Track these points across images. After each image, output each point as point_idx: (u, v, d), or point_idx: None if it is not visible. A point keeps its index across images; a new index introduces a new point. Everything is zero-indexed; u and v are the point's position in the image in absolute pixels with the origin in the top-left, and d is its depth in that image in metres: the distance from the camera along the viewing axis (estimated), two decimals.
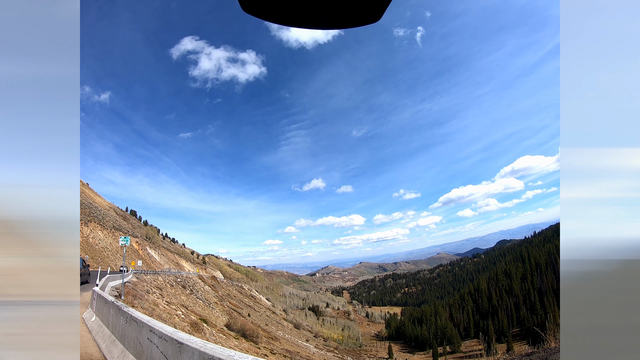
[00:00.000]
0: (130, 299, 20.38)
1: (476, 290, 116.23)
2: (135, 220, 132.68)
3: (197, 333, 22.96)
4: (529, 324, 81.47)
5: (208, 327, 29.13)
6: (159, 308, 24.07)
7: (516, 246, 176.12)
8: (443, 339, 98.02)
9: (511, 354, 10.69)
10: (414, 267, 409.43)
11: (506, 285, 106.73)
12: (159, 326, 6.37)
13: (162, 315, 20.54)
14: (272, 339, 52.90)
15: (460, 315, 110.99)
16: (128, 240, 20.97)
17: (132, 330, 7.74)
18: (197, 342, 4.94)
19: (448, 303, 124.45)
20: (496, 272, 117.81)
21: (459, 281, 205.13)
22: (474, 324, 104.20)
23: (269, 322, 76.50)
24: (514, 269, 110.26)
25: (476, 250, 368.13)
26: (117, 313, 9.48)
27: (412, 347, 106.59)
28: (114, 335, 9.33)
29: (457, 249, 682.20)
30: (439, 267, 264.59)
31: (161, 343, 5.86)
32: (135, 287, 29.12)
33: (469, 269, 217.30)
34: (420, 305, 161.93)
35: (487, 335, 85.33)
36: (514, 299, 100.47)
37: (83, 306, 15.87)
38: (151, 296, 28.53)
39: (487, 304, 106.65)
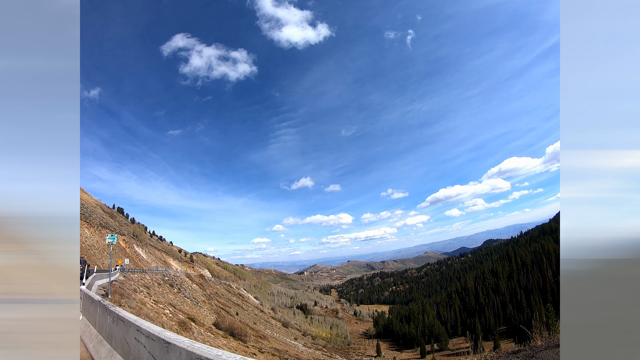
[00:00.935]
0: (117, 298, 20.16)
1: (463, 288, 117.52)
2: (123, 217, 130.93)
3: (185, 332, 22.82)
4: (516, 322, 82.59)
5: (196, 326, 28.96)
6: (147, 307, 23.85)
7: (503, 245, 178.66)
8: (431, 336, 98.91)
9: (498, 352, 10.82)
10: (402, 265, 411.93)
11: (493, 284, 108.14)
12: (146, 326, 6.32)
13: (150, 315, 20.36)
14: (260, 337, 52.81)
15: (447, 313, 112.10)
16: (115, 238, 20.74)
17: (120, 330, 7.66)
18: (185, 341, 4.92)
19: (435, 301, 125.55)
20: (483, 271, 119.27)
21: (446, 280, 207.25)
22: (461, 322, 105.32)
23: (257, 321, 76.30)
24: (500, 268, 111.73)
25: (463, 250, 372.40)
26: (104, 312, 9.36)
27: (400, 344, 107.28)
28: (101, 335, 9.21)
29: (444, 248, 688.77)
30: (427, 265, 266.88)
31: (148, 343, 5.82)
32: (123, 285, 28.82)
33: (456, 267, 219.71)
34: (408, 303, 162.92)
35: (474, 333, 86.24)
36: (500, 298, 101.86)
37: None
38: (138, 295, 28.25)
39: (474, 302, 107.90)
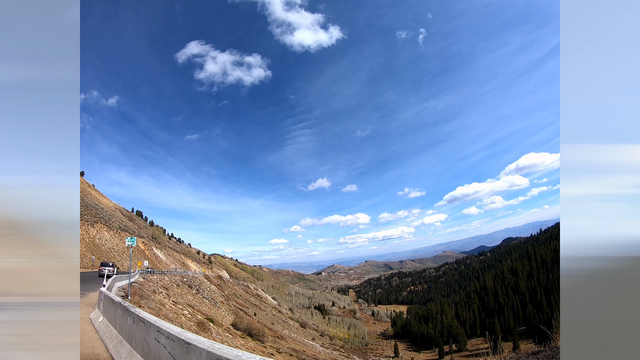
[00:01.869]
0: (137, 299, 20.50)
1: (482, 288, 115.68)
2: (141, 220, 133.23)
3: (203, 332, 23.06)
4: (536, 322, 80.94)
5: (214, 326, 29.24)
6: (166, 308, 24.19)
7: (522, 244, 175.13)
8: (449, 337, 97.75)
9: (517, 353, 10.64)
10: (420, 265, 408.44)
11: (512, 283, 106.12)
12: (167, 326, 6.39)
13: (169, 315, 20.64)
14: (278, 338, 53.03)
15: (466, 314, 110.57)
16: (134, 240, 21.09)
17: (140, 330, 7.77)
18: (205, 342, 4.95)
19: (454, 301, 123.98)
20: (502, 270, 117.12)
21: (465, 279, 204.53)
22: (480, 322, 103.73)
23: (275, 321, 76.66)
24: (520, 267, 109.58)
25: (482, 248, 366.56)
26: (124, 313, 9.50)
27: (418, 345, 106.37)
28: (122, 336, 9.35)
29: (463, 247, 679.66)
30: (445, 265, 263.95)
31: (169, 343, 5.89)
32: (142, 287, 29.29)
33: (474, 267, 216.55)
34: (426, 303, 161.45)
35: (493, 334, 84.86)
36: (520, 297, 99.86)
37: (90, 307, 15.97)
38: (158, 296, 28.67)
39: (494, 302, 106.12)
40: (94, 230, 69.70)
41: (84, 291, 20.98)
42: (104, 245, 67.59)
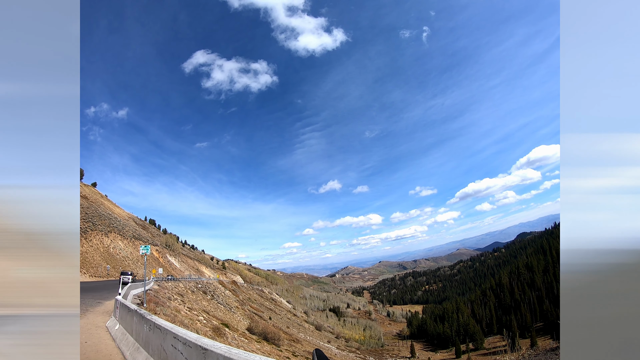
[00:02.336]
0: (152, 307, 20.63)
1: (498, 285, 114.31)
2: (155, 228, 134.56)
3: (219, 338, 23.12)
4: (553, 317, 79.69)
5: (230, 331, 29.32)
6: (181, 314, 24.31)
7: (537, 238, 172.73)
8: (466, 336, 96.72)
9: (535, 349, 10.44)
10: (434, 264, 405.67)
11: (528, 279, 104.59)
12: (183, 333, 6.40)
13: (184, 321, 20.73)
14: (293, 341, 52.98)
15: (482, 311, 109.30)
16: (148, 249, 21.23)
17: (156, 337, 7.80)
18: (222, 347, 4.93)
19: (470, 299, 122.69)
20: (517, 266, 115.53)
21: (480, 276, 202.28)
22: (496, 319, 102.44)
23: (290, 325, 76.65)
24: (535, 262, 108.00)
25: (496, 245, 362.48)
26: (140, 321, 9.57)
27: (434, 345, 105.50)
28: (138, 343, 9.42)
29: (477, 244, 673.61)
30: (459, 263, 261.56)
31: (185, 349, 5.88)
32: (157, 294, 29.50)
33: (489, 263, 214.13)
34: (442, 302, 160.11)
35: (510, 331, 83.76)
36: (536, 293, 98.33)
37: (107, 315, 16.11)
38: (173, 303, 28.85)
39: (510, 298, 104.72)
40: (108, 239, 70.54)
41: (99, 300, 21.21)
42: (118, 254, 68.36)
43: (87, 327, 13.05)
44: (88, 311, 16.71)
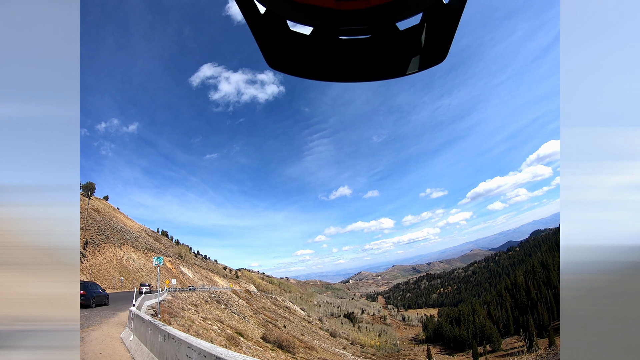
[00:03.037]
0: (166, 317, 20.66)
1: (513, 284, 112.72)
2: (167, 240, 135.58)
3: (233, 347, 23.06)
4: None
5: (244, 340, 29.25)
6: (195, 324, 24.31)
7: (551, 235, 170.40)
8: (482, 338, 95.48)
9: (553, 349, 10.23)
10: (448, 266, 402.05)
11: (544, 277, 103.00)
12: (197, 342, 6.37)
13: (199, 331, 20.71)
14: (308, 348, 52.69)
15: (498, 312, 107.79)
16: (161, 260, 21.31)
17: (171, 347, 7.77)
18: (237, 356, 4.90)
19: (485, 300, 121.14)
20: (532, 264, 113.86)
21: (495, 277, 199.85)
22: (513, 320, 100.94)
23: (304, 332, 76.33)
24: (550, 259, 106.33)
25: (510, 244, 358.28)
26: (154, 331, 9.56)
27: (451, 348, 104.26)
28: (152, 353, 9.40)
29: (490, 244, 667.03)
30: (474, 264, 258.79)
31: (200, 359, 5.83)
32: (171, 304, 29.58)
33: (504, 263, 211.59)
34: (457, 304, 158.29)
35: (527, 331, 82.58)
36: (552, 291, 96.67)
37: (121, 326, 16.16)
38: (187, 313, 28.89)
39: (526, 298, 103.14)
40: (121, 252, 71.18)
41: (113, 311, 21.32)
42: (131, 266, 68.90)
43: (101, 339, 13.08)
44: (102, 322, 16.78)
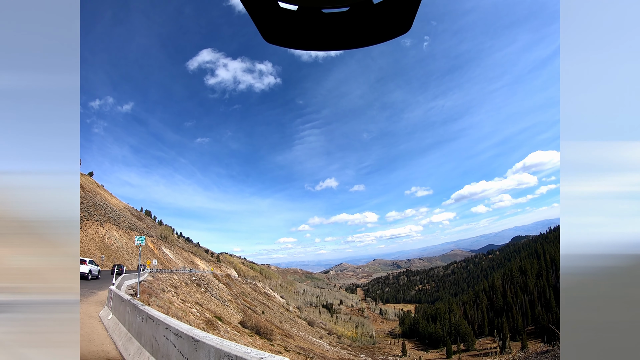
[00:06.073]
0: (145, 298, 20.67)
1: (491, 287, 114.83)
2: (150, 220, 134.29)
3: (211, 330, 23.20)
4: (544, 321, 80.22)
5: (223, 324, 29.41)
6: (174, 306, 24.37)
7: (531, 242, 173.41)
8: (457, 336, 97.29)
9: (526, 352, 10.53)
10: (428, 264, 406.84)
11: (521, 282, 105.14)
12: (175, 324, 6.44)
13: (178, 313, 20.79)
14: (286, 336, 53.17)
15: (474, 313, 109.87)
16: (143, 240, 21.27)
17: (149, 328, 7.84)
18: (214, 339, 4.98)
19: (462, 300, 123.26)
20: (511, 269, 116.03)
21: (473, 278, 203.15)
22: (488, 321, 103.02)
23: (283, 320, 76.87)
24: (529, 266, 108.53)
25: (491, 247, 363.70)
26: (133, 311, 9.60)
27: (425, 344, 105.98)
28: (130, 333, 9.44)
29: (471, 246, 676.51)
30: (453, 263, 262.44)
31: (177, 340, 5.92)
32: (151, 285, 29.54)
33: (483, 265, 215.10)
34: (434, 302, 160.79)
35: (501, 333, 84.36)
36: (528, 296, 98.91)
37: (100, 305, 16.14)
38: (166, 294, 28.90)
39: (502, 301, 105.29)
40: (104, 229, 70.40)
41: (93, 289, 21.20)
42: (113, 245, 68.24)
43: (80, 317, 13.08)
44: (81, 301, 16.71)
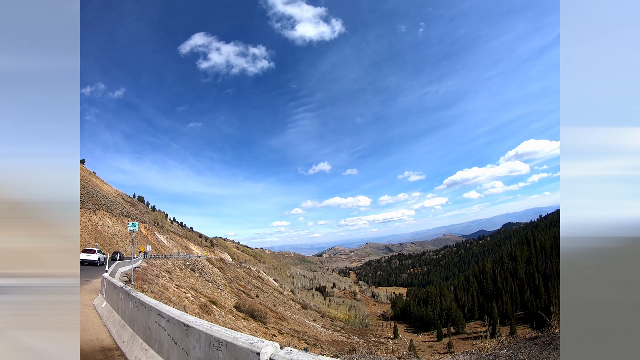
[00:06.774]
0: (140, 284, 20.86)
1: (481, 272, 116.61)
2: (143, 206, 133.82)
3: (206, 315, 23.53)
4: (533, 307, 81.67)
5: (217, 308, 29.79)
6: (169, 291, 24.61)
7: (522, 229, 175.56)
8: (447, 320, 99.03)
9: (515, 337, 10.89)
10: (420, 248, 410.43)
11: (511, 268, 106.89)
12: (167, 309, 6.56)
13: (172, 299, 21.03)
14: (280, 319, 53.92)
15: (464, 297, 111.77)
16: (136, 226, 21.33)
17: (141, 314, 7.97)
18: (204, 324, 5.10)
19: (453, 284, 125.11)
20: (501, 255, 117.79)
21: (464, 263, 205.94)
22: (478, 306, 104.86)
23: (276, 303, 77.74)
24: (519, 252, 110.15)
25: (482, 233, 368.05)
26: (126, 298, 9.72)
27: (417, 327, 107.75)
28: (124, 320, 9.59)
29: (462, 231, 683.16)
30: (445, 248, 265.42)
31: (169, 326, 6.06)
32: (145, 271, 29.70)
33: (474, 250, 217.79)
34: (426, 286, 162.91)
35: (491, 318, 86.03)
36: (518, 282, 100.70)
37: (94, 293, 16.28)
38: (161, 280, 29.11)
39: (492, 286, 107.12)
40: (97, 217, 70.13)
41: (87, 278, 21.30)
42: (106, 232, 68.11)
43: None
44: None
